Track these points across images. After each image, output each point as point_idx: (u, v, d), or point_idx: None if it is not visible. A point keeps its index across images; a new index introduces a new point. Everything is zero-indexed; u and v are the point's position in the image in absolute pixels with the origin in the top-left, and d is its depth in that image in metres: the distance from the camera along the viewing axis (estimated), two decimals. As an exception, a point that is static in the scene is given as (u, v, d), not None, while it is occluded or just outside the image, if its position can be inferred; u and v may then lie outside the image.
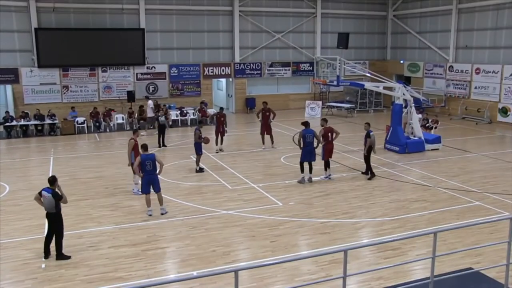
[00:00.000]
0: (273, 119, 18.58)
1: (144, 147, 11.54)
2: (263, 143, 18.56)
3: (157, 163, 11.23)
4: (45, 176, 13.71)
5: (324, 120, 14.58)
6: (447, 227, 9.60)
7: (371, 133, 14.29)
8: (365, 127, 14.61)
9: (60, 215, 9.07)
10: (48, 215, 9.04)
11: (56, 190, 9.03)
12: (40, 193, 9.08)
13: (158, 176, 11.35)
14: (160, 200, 11.41)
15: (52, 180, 9.09)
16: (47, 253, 9.07)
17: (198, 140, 15.06)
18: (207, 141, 15.09)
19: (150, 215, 11.27)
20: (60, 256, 9.02)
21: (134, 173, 12.17)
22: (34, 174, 15.31)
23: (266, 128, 18.47)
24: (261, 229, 10.50)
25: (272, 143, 18.61)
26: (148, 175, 11.22)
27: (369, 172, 14.40)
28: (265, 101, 19.22)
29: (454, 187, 13.54)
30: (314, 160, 13.93)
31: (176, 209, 11.79)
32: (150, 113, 22.61)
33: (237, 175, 14.98)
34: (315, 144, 13.86)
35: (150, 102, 22.99)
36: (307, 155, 13.80)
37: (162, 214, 11.28)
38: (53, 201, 8.93)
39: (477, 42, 26.31)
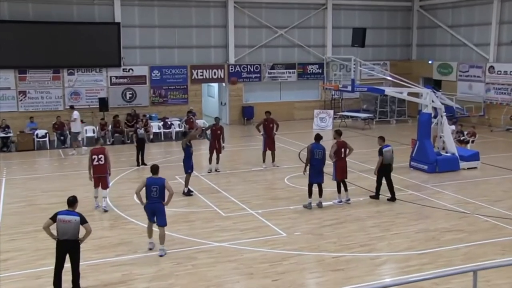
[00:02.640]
0: (276, 131, 18.69)
1: (154, 169, 11.37)
2: (264, 161, 18.63)
3: (166, 190, 11.04)
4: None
5: (337, 133, 14.69)
6: (490, 264, 9.61)
7: (385, 149, 14.62)
8: (378, 142, 14.95)
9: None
10: (66, 244, 9.10)
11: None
12: (54, 218, 9.13)
13: (165, 207, 11.12)
14: (162, 238, 11.03)
15: (73, 201, 9.31)
16: None
17: (195, 134, 15.35)
18: (197, 129, 15.36)
19: (151, 248, 11.23)
20: None
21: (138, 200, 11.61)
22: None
23: (269, 143, 18.52)
24: (261, 265, 10.51)
25: (273, 160, 18.68)
26: (153, 204, 10.98)
27: (376, 192, 14.78)
28: (268, 110, 19.29)
29: (496, 214, 13.57)
30: (322, 181, 13.98)
31: (158, 240, 11.77)
32: (76, 127, 22.00)
33: (231, 199, 15.00)
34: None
35: (75, 113, 22.32)
36: (316, 175, 13.86)
37: (160, 256, 10.91)
38: (79, 227, 9.09)
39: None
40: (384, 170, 14.66)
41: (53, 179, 17.68)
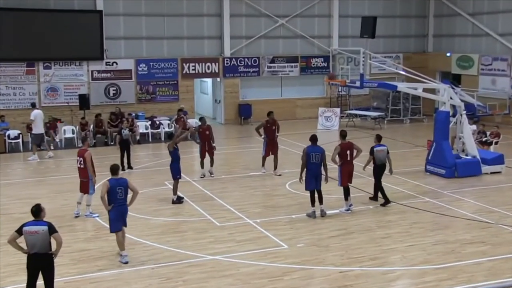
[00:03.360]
0: (278, 132, 18.60)
1: (114, 169, 11.64)
2: (263, 165, 18.59)
3: (129, 190, 11.43)
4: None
5: (341, 135, 14.75)
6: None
7: (376, 148, 15.07)
8: (374, 140, 15.44)
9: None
10: (37, 258, 9.03)
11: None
12: (19, 231, 9.04)
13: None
14: (123, 242, 11.47)
15: (37, 211, 9.18)
16: None
17: (183, 136, 15.46)
18: (184, 128, 15.44)
19: (126, 262, 11.27)
20: None
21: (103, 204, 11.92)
22: None
23: (272, 148, 18.40)
24: (260, 280, 10.50)
25: (275, 168, 18.42)
26: (120, 206, 11.34)
27: (375, 194, 15.26)
28: (271, 111, 19.05)
29: (522, 223, 13.59)
30: (319, 188, 13.99)
31: (145, 253, 11.79)
32: (37, 128, 21.56)
33: (227, 207, 15.00)
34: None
35: (35, 112, 21.50)
36: (313, 181, 13.87)
37: (123, 263, 11.23)
38: (48, 238, 9.01)
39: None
40: (380, 172, 15.07)
41: (27, 185, 17.65)
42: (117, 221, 11.36)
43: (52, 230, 9.02)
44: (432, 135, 18.89)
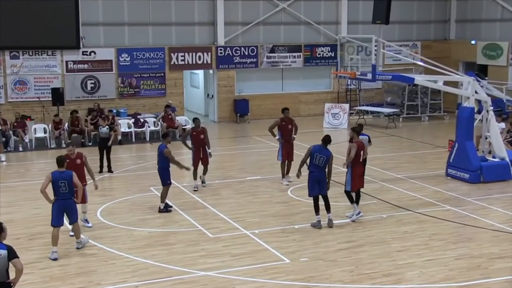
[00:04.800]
0: (295, 134, 18.11)
1: (60, 161, 12.46)
2: (284, 175, 17.95)
3: (74, 183, 12.29)
4: None
5: (355, 131, 14.79)
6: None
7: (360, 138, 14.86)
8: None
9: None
10: None
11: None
12: None
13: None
14: (77, 233, 12.63)
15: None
16: None
17: (174, 160, 15.30)
18: (188, 169, 15.89)
19: (54, 258, 12.12)
20: None
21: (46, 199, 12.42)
22: None
23: (288, 151, 17.86)
24: (258, 300, 10.54)
25: (287, 173, 18.00)
26: (62, 200, 12.25)
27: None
28: (286, 107, 18.42)
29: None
30: (325, 193, 14.04)
31: (128, 269, 11.80)
32: None
33: (221, 216, 15.03)
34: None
35: None
36: (315, 186, 13.93)
37: (77, 248, 12.60)
38: (7, 264, 8.67)
39: None
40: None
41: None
42: (58, 216, 12.32)
43: (11, 255, 8.69)
44: (454, 135, 18.93)
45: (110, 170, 19.39)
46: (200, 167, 17.75)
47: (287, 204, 16.05)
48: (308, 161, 14.03)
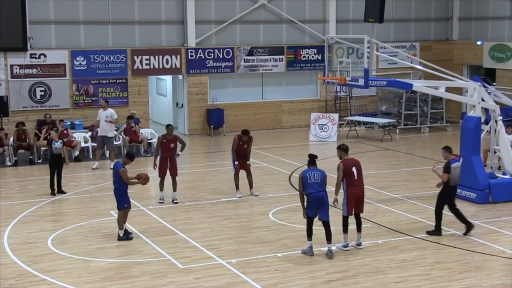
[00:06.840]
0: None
1: None
2: (237, 187, 18.78)
3: None
4: None
5: (342, 149, 14.60)
6: None
7: (454, 164, 15.06)
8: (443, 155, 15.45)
9: None
10: None
11: None
12: None
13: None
14: None
15: None
16: None
17: (129, 182, 15.14)
18: (145, 179, 15.29)
19: None
20: None
21: None
22: None
23: (242, 162, 18.62)
24: None
25: (251, 187, 18.82)
26: None
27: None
28: (245, 128, 19.14)
29: None
30: (327, 219, 14.03)
31: None
32: None
33: (192, 243, 14.98)
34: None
35: None
36: (314, 207, 13.94)
37: None
38: None
39: None
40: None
41: None
42: None
43: None
44: (459, 148, 19.05)
45: (61, 191, 19.25)
46: (168, 179, 18.04)
47: (268, 229, 16.01)
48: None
